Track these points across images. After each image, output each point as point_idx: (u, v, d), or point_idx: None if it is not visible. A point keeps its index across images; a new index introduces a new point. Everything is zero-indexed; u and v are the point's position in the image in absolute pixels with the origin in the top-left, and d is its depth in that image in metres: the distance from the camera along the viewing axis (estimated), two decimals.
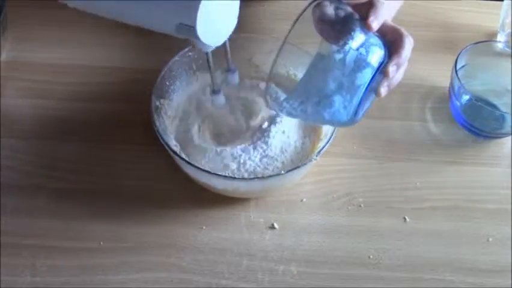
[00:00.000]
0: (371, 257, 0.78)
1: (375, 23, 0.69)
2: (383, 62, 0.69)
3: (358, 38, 0.69)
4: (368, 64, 0.68)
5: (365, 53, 0.68)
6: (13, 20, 0.97)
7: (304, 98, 0.71)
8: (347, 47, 0.68)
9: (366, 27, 0.69)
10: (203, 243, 0.79)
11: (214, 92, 0.78)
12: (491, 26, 1.01)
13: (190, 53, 0.85)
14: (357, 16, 0.71)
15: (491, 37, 0.99)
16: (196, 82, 0.88)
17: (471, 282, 0.77)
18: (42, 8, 1.00)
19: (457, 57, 0.87)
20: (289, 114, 0.74)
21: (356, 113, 0.70)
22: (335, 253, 0.78)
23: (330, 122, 0.73)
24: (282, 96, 0.82)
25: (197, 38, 0.63)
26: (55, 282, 0.75)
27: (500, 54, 0.90)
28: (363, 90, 0.69)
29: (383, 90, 0.70)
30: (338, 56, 0.68)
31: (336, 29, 0.71)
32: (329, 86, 0.69)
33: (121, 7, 0.65)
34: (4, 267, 0.76)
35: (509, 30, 0.97)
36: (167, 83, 0.84)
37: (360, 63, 0.68)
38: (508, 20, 0.96)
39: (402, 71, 0.72)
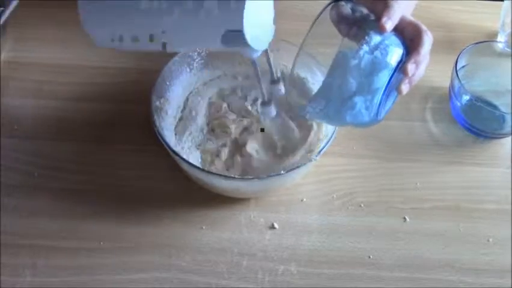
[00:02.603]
0: (371, 257, 0.78)
1: (389, 24, 0.68)
2: (402, 59, 0.68)
3: (373, 41, 0.68)
4: (385, 66, 0.67)
5: (380, 55, 0.67)
6: (13, 20, 0.97)
7: (327, 101, 0.70)
8: (361, 52, 0.67)
9: (379, 28, 0.68)
10: (203, 243, 0.79)
11: (265, 103, 0.74)
12: (491, 26, 1.01)
13: (190, 53, 0.85)
14: (372, 17, 0.70)
15: (491, 37, 0.99)
16: (196, 82, 0.88)
17: (471, 282, 0.77)
18: (42, 8, 1.00)
19: (457, 57, 0.87)
20: (312, 118, 0.73)
21: (377, 113, 0.70)
22: (335, 253, 0.78)
23: (353, 124, 0.72)
24: (304, 100, 0.79)
25: (245, 43, 0.60)
26: (55, 282, 0.75)
27: (500, 54, 0.90)
28: (382, 92, 0.68)
29: (404, 88, 0.70)
30: (353, 62, 0.67)
31: (353, 31, 0.70)
32: (348, 88, 0.68)
33: (164, 25, 0.63)
34: (4, 267, 0.76)
35: (509, 30, 0.97)
36: (167, 83, 0.84)
37: (376, 65, 0.67)
38: (508, 20, 0.96)
39: (423, 66, 0.71)
